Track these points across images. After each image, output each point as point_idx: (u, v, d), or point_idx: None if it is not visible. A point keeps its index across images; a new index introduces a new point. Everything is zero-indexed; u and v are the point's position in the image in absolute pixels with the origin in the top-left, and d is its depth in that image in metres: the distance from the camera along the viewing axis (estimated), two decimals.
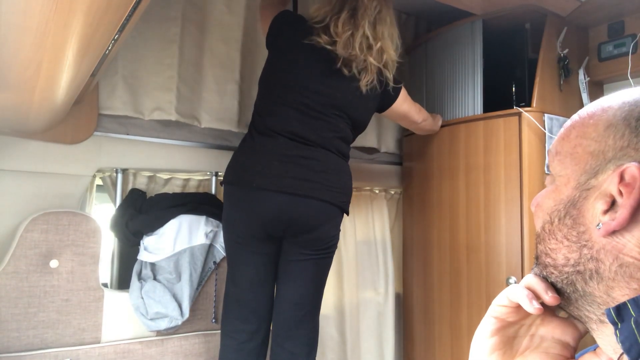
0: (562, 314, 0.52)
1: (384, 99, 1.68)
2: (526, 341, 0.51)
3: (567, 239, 0.46)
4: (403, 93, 1.73)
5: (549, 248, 0.48)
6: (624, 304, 0.42)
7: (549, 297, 0.48)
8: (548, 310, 0.51)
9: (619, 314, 0.42)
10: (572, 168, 0.47)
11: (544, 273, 0.49)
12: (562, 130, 0.51)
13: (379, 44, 1.52)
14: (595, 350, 0.49)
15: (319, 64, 1.54)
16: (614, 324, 0.42)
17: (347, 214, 1.63)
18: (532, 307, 0.48)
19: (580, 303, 0.47)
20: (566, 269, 0.46)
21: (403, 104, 1.74)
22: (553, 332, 0.51)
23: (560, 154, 0.49)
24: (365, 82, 1.54)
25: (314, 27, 1.54)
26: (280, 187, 1.45)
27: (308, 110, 1.53)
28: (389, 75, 1.60)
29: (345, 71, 1.52)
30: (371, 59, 1.52)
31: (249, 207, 1.48)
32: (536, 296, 0.48)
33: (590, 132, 0.47)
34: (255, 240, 1.53)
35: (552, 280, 0.49)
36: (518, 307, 0.50)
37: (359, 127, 1.67)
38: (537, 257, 0.51)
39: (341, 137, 1.59)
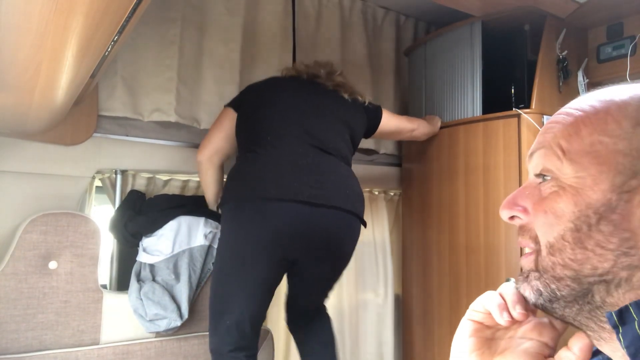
0: (540, 316, 0.51)
1: (370, 114, 1.71)
2: (504, 342, 0.51)
3: (601, 247, 0.42)
4: (385, 110, 1.79)
5: (569, 259, 0.43)
6: (626, 307, 0.40)
7: (517, 314, 0.48)
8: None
9: (620, 317, 0.40)
10: (596, 168, 0.43)
11: (553, 286, 0.45)
12: (557, 126, 0.47)
13: (339, 73, 1.69)
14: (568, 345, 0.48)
15: (301, 86, 1.62)
16: (615, 327, 0.40)
17: (365, 226, 1.57)
18: (502, 319, 0.49)
19: (593, 314, 0.44)
20: (589, 279, 0.43)
21: (390, 117, 1.79)
22: (531, 333, 0.50)
23: (570, 152, 0.45)
24: (345, 91, 1.64)
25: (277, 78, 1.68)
26: (298, 196, 1.36)
27: (310, 117, 1.52)
28: (363, 96, 1.70)
29: (329, 88, 1.62)
30: (339, 78, 1.66)
31: (263, 222, 1.36)
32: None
33: (613, 129, 0.43)
34: (264, 263, 1.40)
35: (564, 293, 0.44)
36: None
37: (355, 141, 1.66)
38: (542, 272, 0.46)
39: (345, 143, 1.58)
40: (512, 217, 0.50)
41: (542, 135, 0.49)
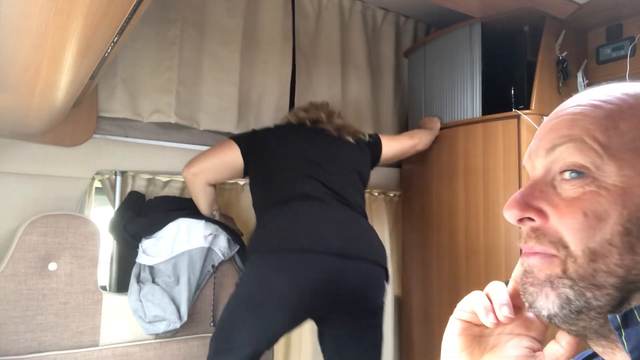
0: (526, 311, 0.50)
1: (372, 148, 1.75)
2: (493, 339, 0.51)
3: None
4: (383, 136, 1.82)
5: (615, 265, 0.40)
6: (631, 310, 0.39)
7: (503, 317, 0.47)
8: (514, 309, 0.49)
9: (625, 320, 0.39)
10: None
11: (589, 295, 0.41)
12: (586, 118, 0.43)
13: (337, 114, 1.74)
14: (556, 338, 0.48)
15: (309, 136, 1.64)
16: (618, 329, 0.39)
17: (388, 281, 1.51)
18: (488, 320, 0.48)
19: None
20: (630, 286, 0.40)
21: (390, 142, 1.82)
22: (519, 328, 0.50)
23: (610, 148, 0.41)
24: (348, 134, 1.67)
25: (280, 125, 1.71)
26: (330, 249, 1.33)
27: (327, 172, 1.52)
28: (364, 134, 1.74)
29: (333, 132, 1.65)
30: (339, 121, 1.70)
31: (291, 274, 1.31)
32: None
33: None
34: (283, 316, 1.34)
35: (601, 303, 0.40)
36: None
37: (366, 184, 1.69)
38: (577, 279, 0.41)
39: (360, 194, 1.60)
40: (521, 220, 0.45)
41: (560, 128, 0.44)
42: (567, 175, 0.43)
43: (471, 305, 0.50)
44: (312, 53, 2.11)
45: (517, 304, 0.49)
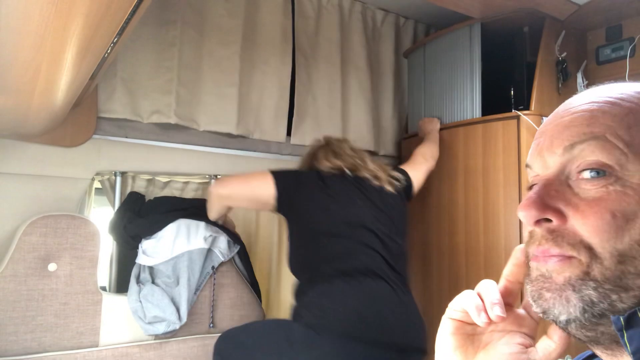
0: (518, 307, 0.51)
1: (407, 191, 1.71)
2: (486, 336, 0.51)
3: None
4: (406, 166, 1.79)
5: None
6: (635, 312, 0.38)
7: (495, 316, 0.47)
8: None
9: (628, 321, 0.38)
10: None
11: (615, 297, 0.39)
12: (605, 116, 0.41)
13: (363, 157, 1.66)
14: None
15: (357, 191, 1.53)
16: (620, 330, 0.38)
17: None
18: (480, 319, 0.48)
19: None
20: None
21: (415, 173, 1.78)
22: (511, 325, 0.50)
23: (634, 146, 0.39)
24: (386, 183, 1.60)
25: (318, 171, 1.59)
26: (395, 343, 1.31)
27: (384, 243, 1.46)
28: (398, 177, 1.67)
29: (375, 182, 1.57)
30: (373, 166, 1.63)
31: None
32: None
33: None
34: None
35: (626, 305, 0.39)
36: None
37: (405, 240, 1.61)
38: (602, 280, 0.40)
39: (407, 260, 1.56)
40: (538, 221, 0.43)
41: (579, 125, 0.43)
42: (587, 174, 0.41)
43: (463, 305, 0.50)
44: (312, 54, 2.12)
45: (508, 302, 0.49)
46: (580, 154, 0.42)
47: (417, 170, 1.80)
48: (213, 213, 1.64)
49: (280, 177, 1.50)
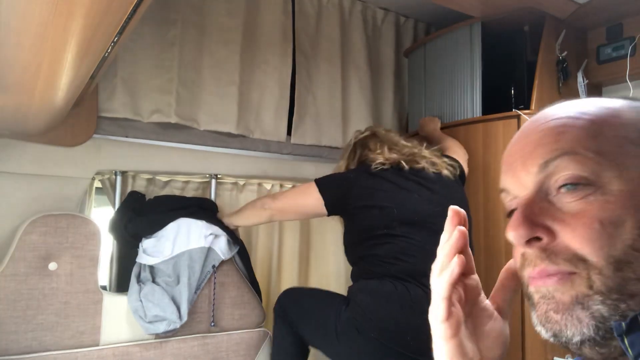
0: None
1: (462, 178, 1.68)
2: (470, 325, 0.49)
3: None
4: (452, 151, 1.76)
5: None
6: (635, 317, 0.37)
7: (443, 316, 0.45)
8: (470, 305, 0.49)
9: (630, 326, 0.37)
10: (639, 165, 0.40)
11: (624, 306, 0.38)
12: (572, 130, 0.42)
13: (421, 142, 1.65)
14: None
15: (416, 185, 1.49)
16: (620, 335, 0.37)
17: None
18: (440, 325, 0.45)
19: None
20: None
21: (464, 163, 1.76)
22: (474, 307, 0.49)
23: (604, 153, 0.41)
24: (445, 169, 1.56)
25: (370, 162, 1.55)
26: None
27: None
28: (457, 163, 1.65)
29: (432, 169, 1.53)
30: (427, 152, 1.59)
31: None
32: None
33: (631, 126, 0.42)
34: None
35: (627, 311, 0.38)
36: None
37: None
38: (605, 291, 0.39)
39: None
40: (529, 241, 0.42)
41: (547, 143, 0.43)
42: (565, 189, 0.41)
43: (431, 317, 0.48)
44: (312, 53, 2.11)
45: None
46: (556, 170, 0.42)
47: (463, 159, 1.77)
48: (248, 222, 1.70)
49: (325, 184, 1.51)
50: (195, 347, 1.66)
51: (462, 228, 0.47)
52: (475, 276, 0.51)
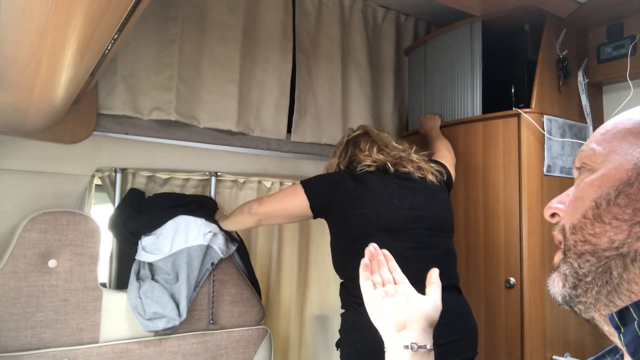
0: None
1: (448, 185, 1.66)
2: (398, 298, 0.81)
3: (617, 219, 0.45)
4: (440, 157, 1.74)
5: (589, 234, 0.47)
6: (627, 308, 0.42)
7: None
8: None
9: (621, 317, 0.42)
10: (619, 155, 0.48)
11: (576, 264, 0.48)
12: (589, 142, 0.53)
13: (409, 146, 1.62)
14: None
15: (402, 190, 1.47)
16: (617, 328, 0.42)
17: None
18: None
19: (611, 298, 0.45)
20: (607, 253, 0.45)
21: (452, 169, 1.73)
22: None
23: (600, 144, 0.50)
24: (429, 173, 1.54)
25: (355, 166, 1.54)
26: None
27: (436, 255, 1.42)
28: (441, 170, 1.63)
29: (418, 173, 1.52)
30: (415, 156, 1.57)
31: None
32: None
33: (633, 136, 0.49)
34: None
35: (585, 270, 0.47)
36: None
37: (451, 235, 1.56)
38: (566, 252, 0.50)
39: (453, 260, 1.52)
40: (552, 215, 0.54)
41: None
42: (578, 172, 0.53)
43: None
44: (313, 51, 2.11)
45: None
46: (576, 161, 0.54)
47: (450, 163, 1.75)
48: (238, 227, 1.69)
49: (311, 185, 1.50)
50: (194, 345, 1.66)
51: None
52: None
